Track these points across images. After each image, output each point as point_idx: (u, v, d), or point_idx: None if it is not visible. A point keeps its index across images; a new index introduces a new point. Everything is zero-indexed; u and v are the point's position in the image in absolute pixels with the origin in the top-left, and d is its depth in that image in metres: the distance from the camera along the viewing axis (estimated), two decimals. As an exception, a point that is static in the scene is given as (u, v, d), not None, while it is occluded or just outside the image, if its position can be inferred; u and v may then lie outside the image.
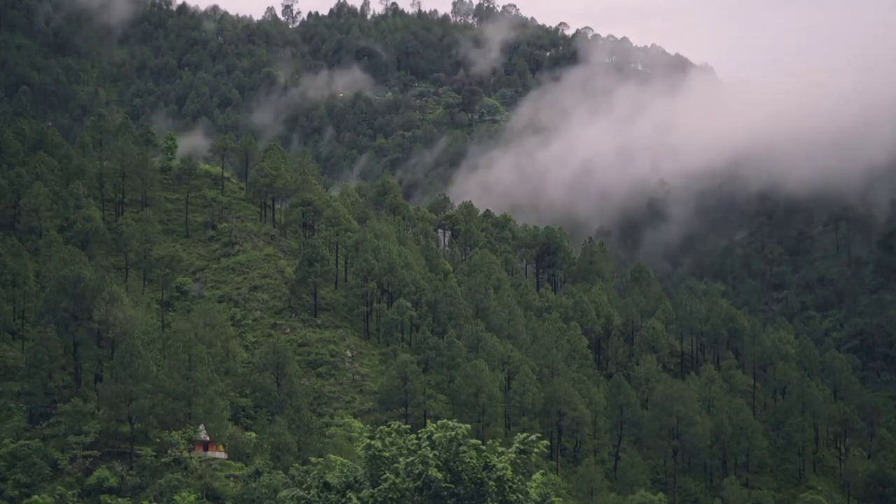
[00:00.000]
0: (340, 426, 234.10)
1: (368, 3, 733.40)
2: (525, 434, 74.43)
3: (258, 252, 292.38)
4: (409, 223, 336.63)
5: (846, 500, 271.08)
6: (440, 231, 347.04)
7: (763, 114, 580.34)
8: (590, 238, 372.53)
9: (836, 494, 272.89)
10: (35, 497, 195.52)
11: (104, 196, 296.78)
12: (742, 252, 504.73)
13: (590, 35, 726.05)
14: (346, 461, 75.79)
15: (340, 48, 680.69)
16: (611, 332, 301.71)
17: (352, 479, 73.72)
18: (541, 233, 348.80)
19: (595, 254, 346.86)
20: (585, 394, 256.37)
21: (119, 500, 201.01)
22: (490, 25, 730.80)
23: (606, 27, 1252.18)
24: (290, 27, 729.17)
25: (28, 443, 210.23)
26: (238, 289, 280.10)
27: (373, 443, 73.78)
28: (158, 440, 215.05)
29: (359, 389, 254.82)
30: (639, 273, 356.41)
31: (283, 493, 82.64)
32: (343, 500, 72.46)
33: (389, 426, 75.62)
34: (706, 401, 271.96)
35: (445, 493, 71.03)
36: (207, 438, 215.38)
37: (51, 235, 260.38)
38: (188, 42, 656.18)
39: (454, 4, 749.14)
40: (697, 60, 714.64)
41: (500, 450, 73.52)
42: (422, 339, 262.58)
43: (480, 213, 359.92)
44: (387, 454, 73.16)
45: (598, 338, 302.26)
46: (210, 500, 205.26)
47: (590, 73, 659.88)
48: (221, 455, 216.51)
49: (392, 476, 71.38)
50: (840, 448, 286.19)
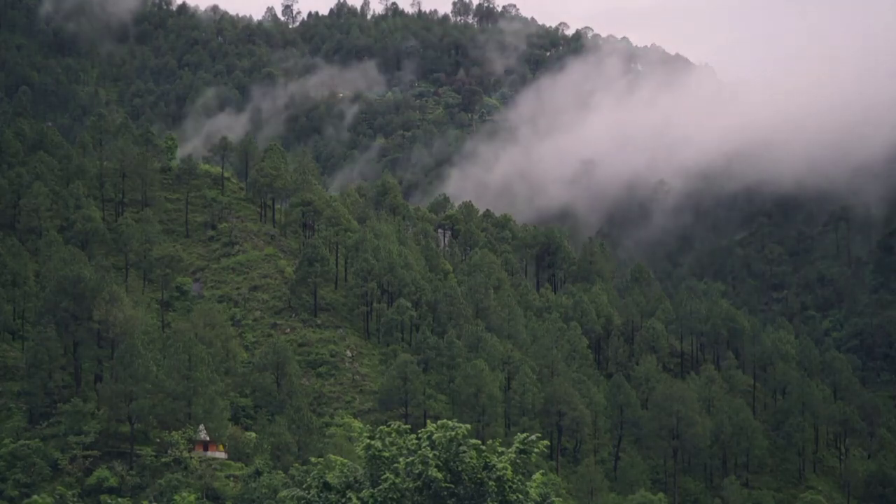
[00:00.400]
0: (340, 426, 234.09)
1: (368, 3, 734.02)
2: (525, 434, 74.42)
3: (258, 252, 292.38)
4: (409, 223, 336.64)
5: (846, 500, 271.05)
6: (440, 231, 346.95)
7: (763, 114, 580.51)
8: (590, 238, 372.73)
9: (836, 494, 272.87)
10: (35, 497, 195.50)
11: (104, 196, 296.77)
12: (742, 252, 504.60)
13: (590, 35, 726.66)
14: (346, 461, 75.78)
15: (340, 48, 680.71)
16: (611, 332, 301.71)
17: (352, 479, 73.72)
18: (541, 233, 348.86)
19: (595, 254, 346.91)
20: (585, 394, 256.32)
21: (119, 500, 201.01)
22: (490, 25, 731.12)
23: (606, 27, 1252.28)
24: (290, 27, 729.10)
25: (28, 443, 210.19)
26: (238, 289, 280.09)
27: (373, 443, 73.78)
28: (158, 440, 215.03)
29: (359, 389, 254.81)
30: (639, 273, 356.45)
31: (283, 493, 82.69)
32: (343, 500, 72.46)
33: (389, 426, 75.61)
34: (706, 401, 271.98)
35: (445, 493, 71.02)
36: (207, 438, 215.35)
37: (51, 235, 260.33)
38: (188, 42, 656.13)
39: (454, 4, 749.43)
40: (697, 60, 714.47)
41: (500, 450, 73.51)
42: (422, 339, 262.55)
43: (480, 213, 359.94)
44: (387, 454, 73.15)
45: (598, 338, 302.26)
46: (210, 500, 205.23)
47: (589, 73, 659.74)
48: (221, 455, 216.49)
49: (392, 476, 71.37)
50: (840, 448, 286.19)
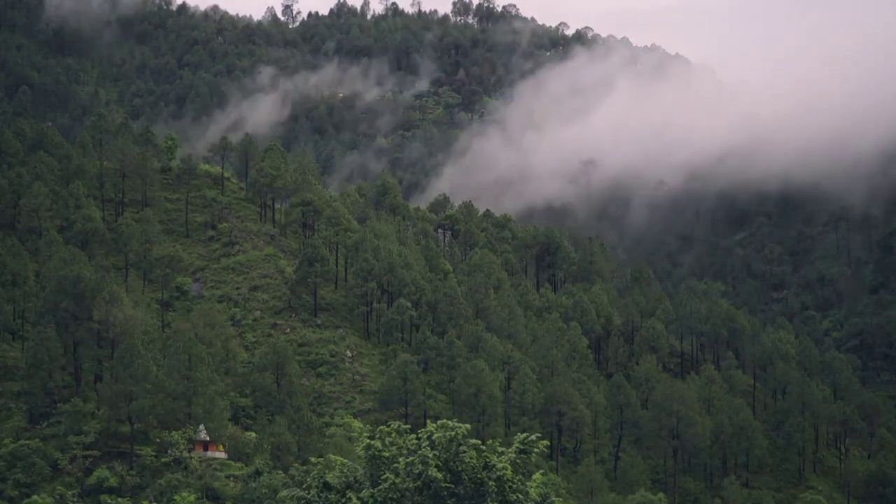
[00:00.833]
0: (340, 426, 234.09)
1: (368, 3, 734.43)
2: (525, 434, 74.39)
3: (258, 252, 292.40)
4: (409, 223, 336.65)
5: (846, 500, 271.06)
6: (440, 231, 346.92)
7: (763, 114, 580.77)
8: (589, 238, 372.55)
9: (836, 494, 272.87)
10: (35, 497, 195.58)
11: (104, 196, 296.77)
12: (742, 252, 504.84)
13: (590, 35, 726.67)
14: (346, 461, 75.75)
15: (340, 48, 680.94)
16: (611, 332, 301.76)
17: (352, 479, 73.70)
18: (541, 233, 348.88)
19: (595, 254, 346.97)
20: (585, 394, 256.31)
21: (119, 500, 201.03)
22: (490, 25, 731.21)
23: (606, 27, 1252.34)
24: (290, 27, 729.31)
25: (28, 443, 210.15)
26: (238, 289, 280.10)
27: (373, 443, 73.75)
28: (158, 440, 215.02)
29: (359, 389, 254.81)
30: (639, 273, 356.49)
31: (283, 493, 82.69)
32: (343, 500, 72.44)
33: (389, 426, 75.57)
34: (706, 401, 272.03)
35: (445, 493, 71.01)
36: (207, 438, 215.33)
37: (51, 235, 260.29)
38: (188, 42, 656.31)
39: (454, 4, 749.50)
40: (697, 60, 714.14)
41: (500, 450, 73.48)
42: (422, 339, 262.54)
43: (480, 213, 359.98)
44: (387, 454, 73.12)
45: (598, 338, 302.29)
46: (210, 500, 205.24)
47: (589, 73, 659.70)
48: (221, 455, 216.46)
49: (392, 476, 71.36)
50: (840, 448, 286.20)
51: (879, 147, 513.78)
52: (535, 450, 73.57)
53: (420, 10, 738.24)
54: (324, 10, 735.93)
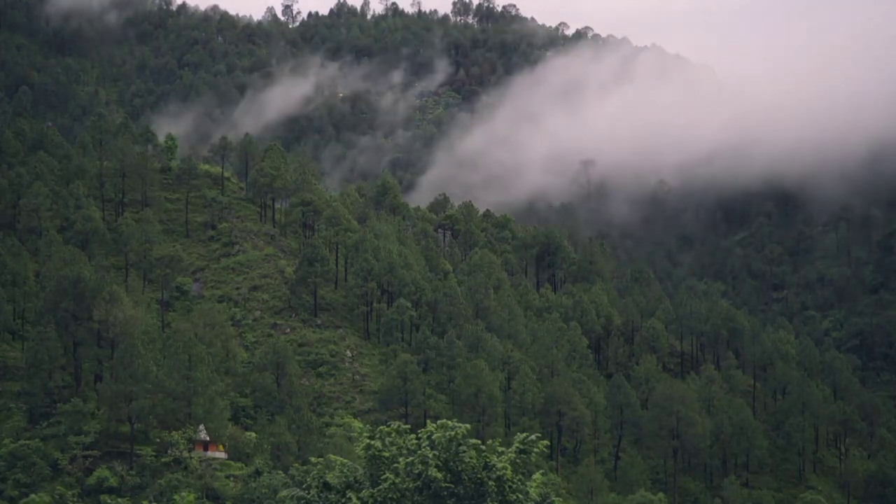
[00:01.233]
0: (340, 426, 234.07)
1: (368, 3, 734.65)
2: (525, 434, 74.35)
3: (258, 252, 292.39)
4: (409, 223, 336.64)
5: (846, 500, 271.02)
6: (440, 231, 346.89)
7: (763, 114, 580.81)
8: (590, 238, 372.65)
9: (836, 494, 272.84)
10: (33, 496, 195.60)
11: (104, 196, 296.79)
12: (742, 252, 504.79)
13: (590, 35, 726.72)
14: (346, 461, 75.72)
15: (340, 48, 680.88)
16: (611, 332, 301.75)
17: (352, 479, 73.67)
18: (541, 233, 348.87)
19: (595, 254, 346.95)
20: (585, 394, 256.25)
21: (119, 500, 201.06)
22: (490, 25, 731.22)
23: (606, 27, 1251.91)
24: (290, 27, 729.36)
25: (28, 443, 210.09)
26: (238, 289, 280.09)
27: (373, 443, 73.73)
28: (158, 440, 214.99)
29: (359, 389, 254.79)
30: (639, 273, 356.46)
31: (283, 493, 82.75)
32: (343, 500, 72.42)
33: (389, 426, 75.53)
34: (706, 401, 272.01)
35: (445, 493, 71.00)
36: (207, 438, 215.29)
37: (51, 235, 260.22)
38: (188, 42, 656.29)
39: (454, 4, 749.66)
40: (697, 60, 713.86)
41: (500, 450, 73.45)
42: (422, 339, 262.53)
43: (480, 214, 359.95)
44: (387, 454, 73.10)
45: (598, 338, 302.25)
46: (210, 500, 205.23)
47: (589, 73, 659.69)
48: (221, 455, 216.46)
49: (392, 476, 71.35)
50: (840, 448, 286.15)
51: (881, 147, 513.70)
52: (535, 450, 73.54)
53: (420, 10, 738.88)
54: (324, 10, 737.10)
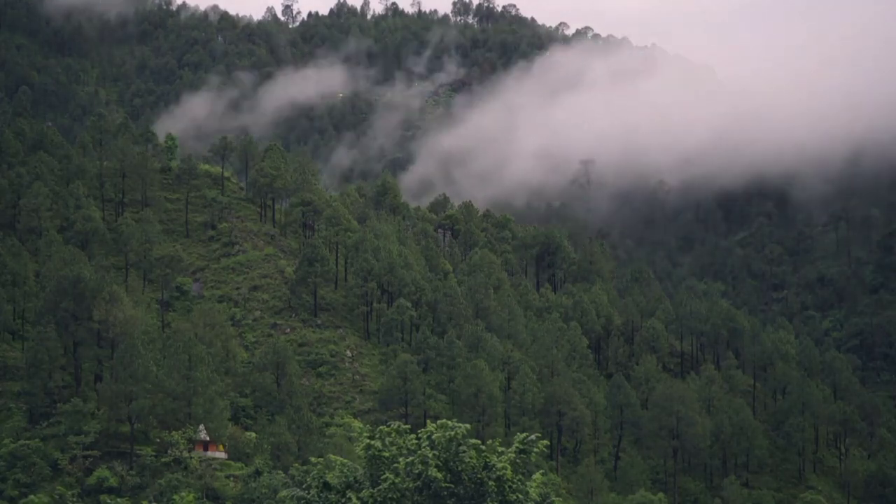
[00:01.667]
0: (340, 426, 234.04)
1: (368, 3, 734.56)
2: (525, 434, 74.33)
3: (258, 252, 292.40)
4: (409, 223, 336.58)
5: (846, 500, 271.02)
6: (440, 231, 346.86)
7: (763, 114, 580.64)
8: (590, 238, 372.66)
9: (836, 494, 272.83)
10: (32, 496, 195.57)
11: (104, 196, 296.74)
12: (742, 252, 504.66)
13: (590, 35, 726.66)
14: (346, 461, 75.71)
15: (340, 48, 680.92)
16: (611, 332, 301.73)
17: (352, 479, 73.66)
18: (540, 233, 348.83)
19: (595, 254, 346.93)
20: (585, 394, 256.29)
21: (119, 500, 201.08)
22: (490, 25, 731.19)
23: (606, 27, 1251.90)
24: (290, 27, 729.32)
25: (28, 443, 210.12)
26: (238, 289, 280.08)
27: (373, 443, 73.71)
28: (158, 440, 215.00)
29: (359, 389, 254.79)
30: (639, 273, 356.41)
31: (283, 493, 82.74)
32: (343, 500, 72.41)
33: (389, 426, 75.52)
34: (706, 401, 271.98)
35: (445, 493, 70.99)
36: (207, 438, 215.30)
37: (51, 235, 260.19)
38: (188, 42, 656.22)
39: (454, 4, 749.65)
40: (697, 60, 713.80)
41: (500, 450, 73.43)
42: (422, 339, 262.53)
43: (480, 214, 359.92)
44: (387, 454, 73.09)
45: (598, 338, 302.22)
46: (210, 500, 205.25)
47: (589, 73, 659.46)
48: (221, 455, 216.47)
49: (392, 476, 71.34)
50: (840, 448, 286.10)
51: (881, 147, 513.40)
52: (535, 450, 73.53)
53: (420, 10, 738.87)
54: (324, 10, 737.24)
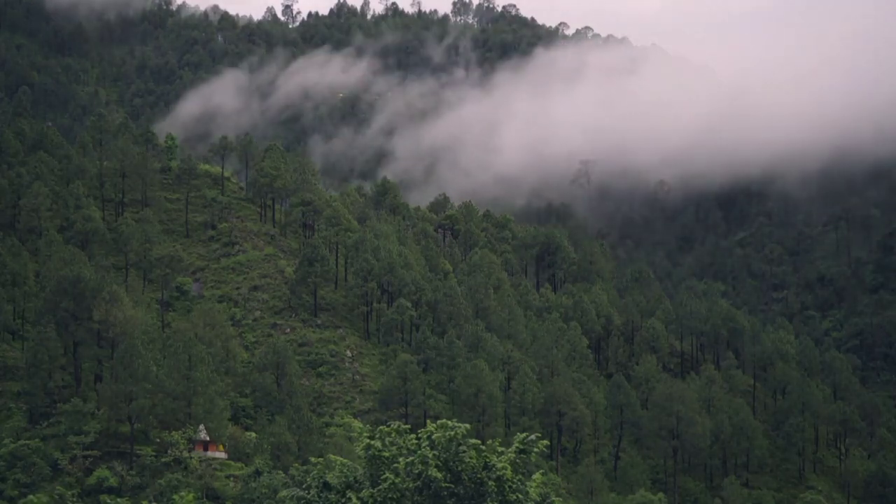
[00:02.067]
0: (340, 426, 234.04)
1: (368, 3, 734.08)
2: (525, 434, 74.28)
3: (258, 252, 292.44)
4: (409, 223, 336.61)
5: (846, 500, 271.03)
6: (440, 231, 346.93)
7: (763, 114, 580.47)
8: (591, 238, 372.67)
9: (836, 494, 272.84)
10: (32, 496, 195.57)
11: (104, 196, 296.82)
12: (742, 252, 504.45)
13: (589, 35, 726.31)
14: (346, 461, 75.68)
15: (340, 48, 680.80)
16: (611, 332, 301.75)
17: (352, 479, 73.62)
18: (541, 233, 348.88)
19: (595, 254, 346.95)
20: (585, 394, 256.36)
21: (119, 500, 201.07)
22: (490, 25, 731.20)
23: (606, 27, 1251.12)
24: (290, 27, 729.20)
25: (28, 443, 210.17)
26: (238, 289, 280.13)
27: (373, 443, 73.66)
28: (158, 440, 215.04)
29: (359, 389, 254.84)
30: (639, 273, 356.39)
31: (283, 493, 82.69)
32: (343, 500, 72.38)
33: (389, 426, 75.47)
34: (706, 401, 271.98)
35: (445, 493, 70.96)
36: (207, 438, 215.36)
37: (51, 235, 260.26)
38: (188, 42, 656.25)
39: (454, 4, 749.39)
40: (698, 61, 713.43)
41: (500, 450, 73.38)
42: (422, 339, 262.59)
43: (480, 214, 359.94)
44: (387, 454, 73.04)
45: (598, 338, 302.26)
46: (210, 500, 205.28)
47: (589, 73, 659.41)
48: (221, 455, 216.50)
49: (392, 476, 71.30)
50: (840, 448, 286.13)
51: (880, 147, 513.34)
52: (535, 450, 73.46)
53: (420, 10, 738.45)
54: (324, 10, 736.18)
